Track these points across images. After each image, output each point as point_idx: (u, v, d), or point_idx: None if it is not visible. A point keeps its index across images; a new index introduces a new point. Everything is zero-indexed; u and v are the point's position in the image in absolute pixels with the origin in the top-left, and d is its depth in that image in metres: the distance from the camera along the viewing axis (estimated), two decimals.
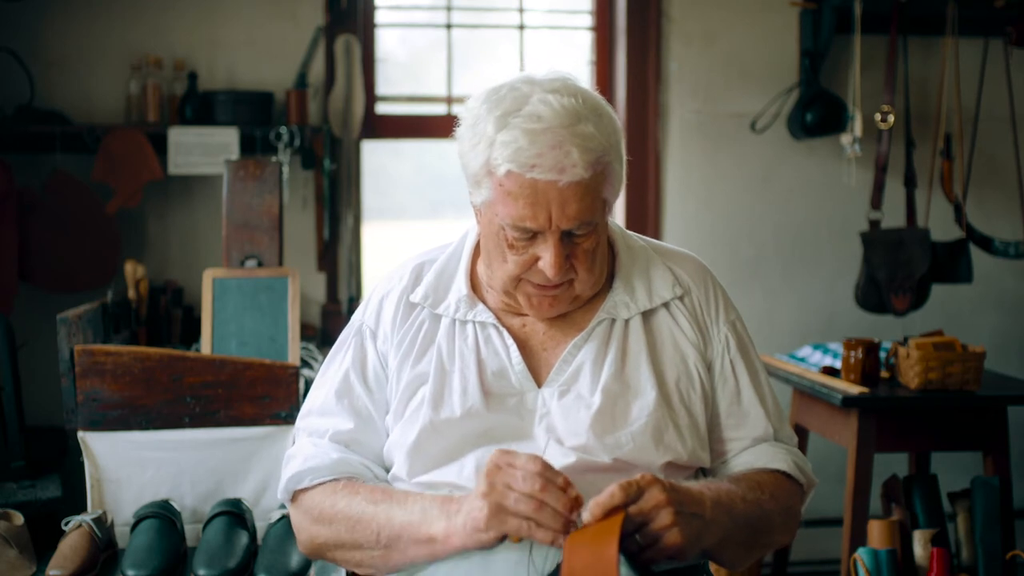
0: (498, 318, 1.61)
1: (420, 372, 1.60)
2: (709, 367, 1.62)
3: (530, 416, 1.55)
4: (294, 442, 1.70)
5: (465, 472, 1.52)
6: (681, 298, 1.64)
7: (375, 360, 1.65)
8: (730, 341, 1.64)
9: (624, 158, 1.55)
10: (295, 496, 1.63)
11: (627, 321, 1.60)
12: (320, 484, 1.58)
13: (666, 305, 1.63)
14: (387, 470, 1.62)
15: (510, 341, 1.59)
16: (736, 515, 1.49)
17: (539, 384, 1.58)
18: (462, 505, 1.43)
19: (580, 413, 1.53)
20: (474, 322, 1.61)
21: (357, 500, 1.53)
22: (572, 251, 1.52)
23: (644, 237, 1.73)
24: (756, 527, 1.52)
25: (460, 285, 1.63)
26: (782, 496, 1.58)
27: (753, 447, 1.62)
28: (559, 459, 1.49)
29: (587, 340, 1.59)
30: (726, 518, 1.47)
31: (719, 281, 1.71)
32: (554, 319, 1.61)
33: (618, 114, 3.95)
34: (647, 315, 1.62)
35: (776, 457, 1.61)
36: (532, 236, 1.50)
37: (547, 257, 1.50)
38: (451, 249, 1.70)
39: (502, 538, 1.39)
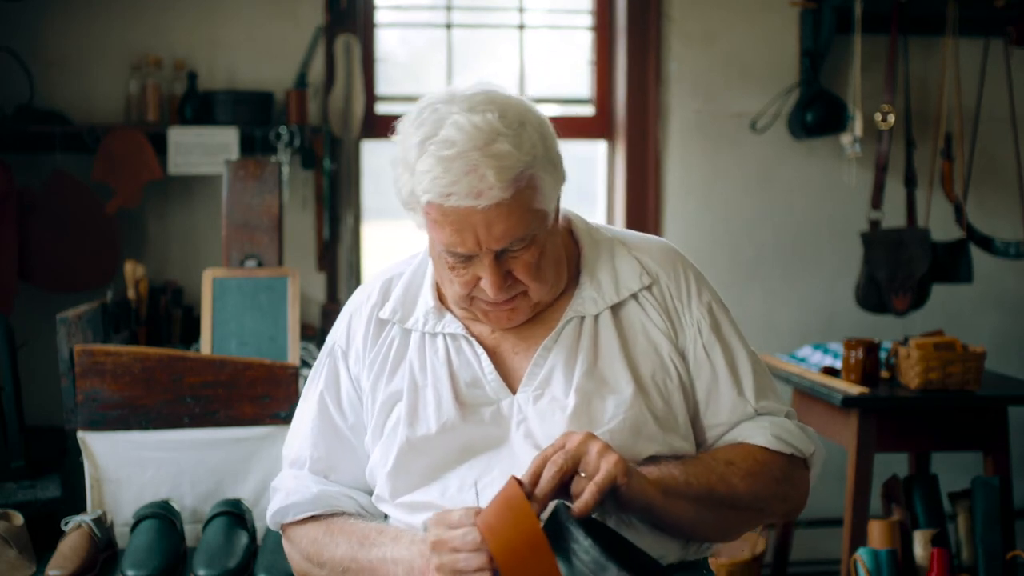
0: (467, 327, 1.60)
1: (394, 390, 1.59)
2: (684, 355, 1.59)
3: (507, 424, 1.54)
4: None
5: (448, 493, 1.52)
6: (650, 287, 1.60)
7: (348, 383, 1.64)
8: (703, 325, 1.60)
9: (558, 161, 1.51)
10: (283, 528, 1.65)
11: (596, 317, 1.58)
12: (304, 520, 1.60)
13: (635, 297, 1.60)
14: (371, 492, 1.62)
15: (480, 350, 1.58)
16: (678, 472, 1.48)
17: (513, 390, 1.56)
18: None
19: (556, 416, 1.52)
20: (444, 334, 1.59)
21: (341, 549, 1.54)
22: (512, 266, 1.50)
23: (612, 228, 1.70)
24: (712, 489, 1.50)
25: (427, 297, 1.62)
26: (747, 462, 1.54)
27: (733, 429, 1.60)
28: None
29: (556, 341, 1.57)
30: (667, 476, 1.47)
31: (692, 264, 1.67)
32: (523, 322, 1.60)
33: (618, 114, 3.96)
34: (617, 308, 1.59)
35: (754, 433, 1.57)
36: (468, 259, 1.49)
37: (485, 278, 1.49)
38: (417, 261, 1.68)
39: None
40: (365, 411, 1.62)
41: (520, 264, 1.50)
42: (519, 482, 1.37)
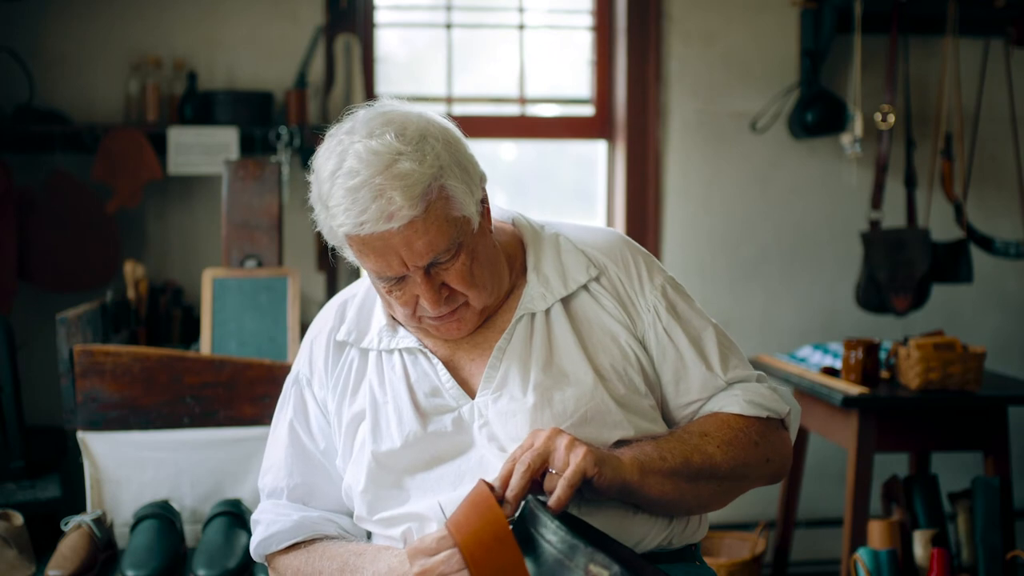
0: (421, 339, 1.61)
1: (357, 410, 1.61)
2: (642, 341, 1.60)
3: (470, 429, 1.55)
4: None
5: (423, 503, 1.53)
6: (598, 278, 1.62)
7: (316, 408, 1.66)
8: (660, 308, 1.61)
9: (468, 165, 1.52)
10: (268, 559, 1.66)
11: (548, 312, 1.59)
12: (287, 548, 1.62)
13: (586, 288, 1.61)
14: (351, 513, 1.64)
15: (436, 360, 1.59)
16: (651, 450, 1.50)
17: (472, 396, 1.57)
18: None
19: (517, 416, 1.53)
20: (399, 349, 1.61)
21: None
22: (446, 278, 1.51)
23: (558, 223, 1.71)
24: (690, 463, 1.52)
25: (379, 316, 1.64)
26: (721, 430, 1.56)
27: (707, 403, 1.61)
28: None
29: (509, 341, 1.58)
30: (643, 456, 1.49)
31: (642, 249, 1.68)
32: (476, 328, 1.61)
33: (618, 114, 3.96)
34: (567, 302, 1.60)
35: (726, 401, 1.59)
36: (401, 280, 1.51)
37: (422, 295, 1.51)
38: (368, 282, 1.69)
39: None
40: (334, 434, 1.64)
41: (452, 275, 1.51)
42: (488, 485, 1.39)
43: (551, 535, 1.34)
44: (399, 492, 1.56)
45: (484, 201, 1.57)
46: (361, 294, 1.69)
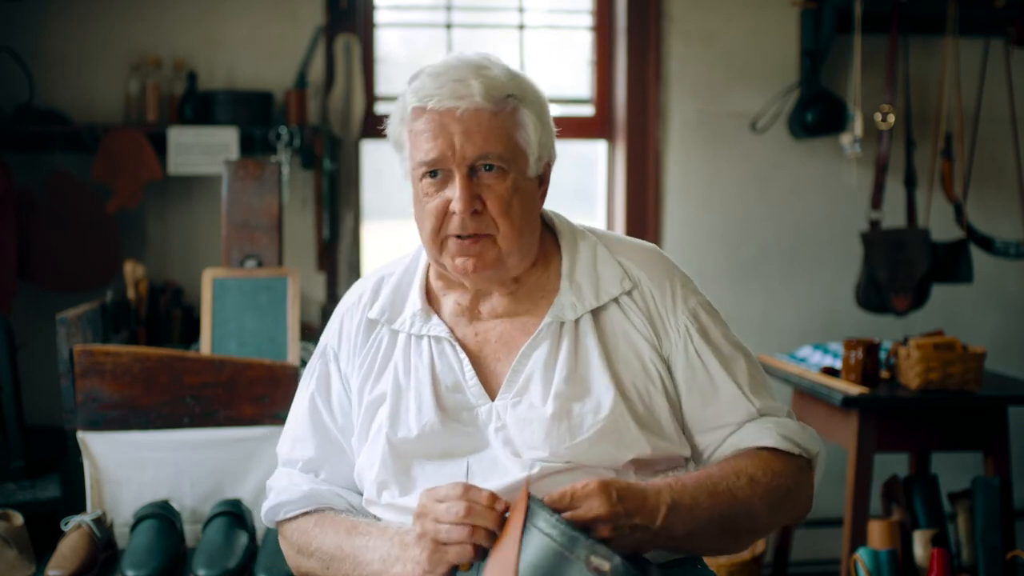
0: (452, 330, 1.60)
1: (379, 393, 1.60)
2: (668, 361, 1.58)
3: (486, 430, 1.55)
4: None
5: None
6: (631, 292, 1.60)
7: (339, 384, 1.66)
8: (691, 330, 1.59)
9: (546, 121, 1.59)
10: (278, 525, 1.67)
11: (577, 321, 1.58)
12: (296, 516, 1.63)
13: (617, 301, 1.60)
14: (360, 492, 1.64)
15: (463, 355, 1.58)
16: (700, 513, 1.46)
17: (493, 396, 1.56)
18: (411, 551, 1.44)
19: (534, 424, 1.52)
20: (429, 336, 1.60)
21: (329, 539, 1.56)
22: (485, 193, 1.52)
23: (597, 230, 1.70)
24: (729, 519, 1.49)
25: (415, 299, 1.63)
26: (766, 477, 1.52)
27: (738, 430, 1.58)
28: (519, 470, 1.49)
29: (536, 347, 1.57)
30: (686, 518, 1.44)
31: (679, 269, 1.66)
32: (506, 326, 1.60)
33: (618, 114, 3.96)
34: (597, 313, 1.59)
35: (762, 434, 1.56)
36: (443, 180, 1.53)
37: (457, 194, 1.52)
38: (407, 262, 1.69)
39: (453, 569, 1.40)
40: (354, 411, 1.64)
41: (493, 192, 1.53)
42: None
43: (550, 528, 1.33)
44: (406, 479, 1.55)
45: (545, 174, 1.61)
46: (398, 273, 1.68)
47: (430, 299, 1.64)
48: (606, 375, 1.54)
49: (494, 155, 1.51)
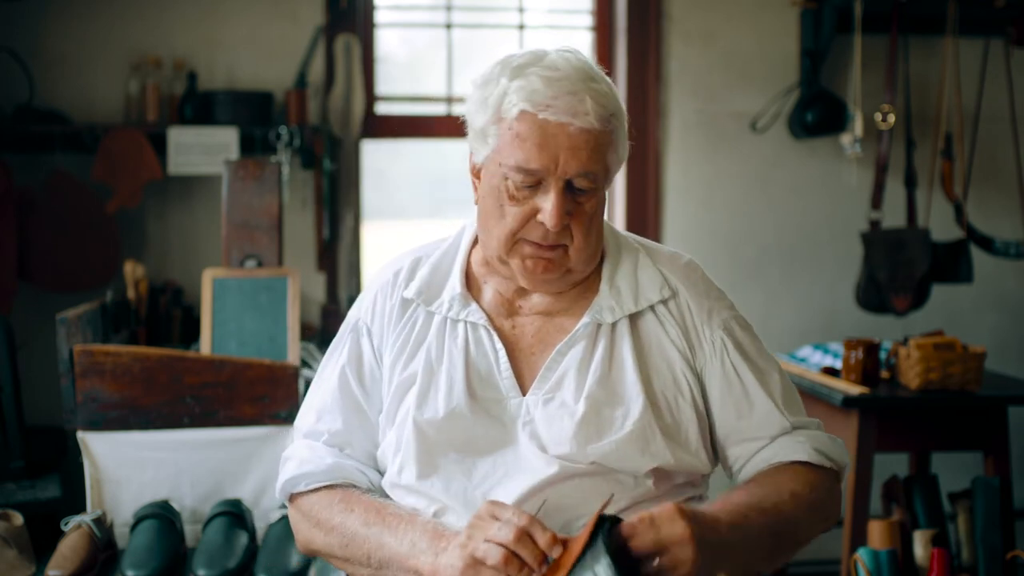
0: (490, 319, 1.60)
1: (410, 373, 1.58)
2: (700, 374, 1.58)
3: (514, 423, 1.54)
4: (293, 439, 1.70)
5: (452, 488, 1.51)
6: (667, 301, 1.60)
7: (371, 358, 1.63)
8: (727, 343, 1.60)
9: (626, 138, 1.58)
10: (292, 498, 1.62)
11: (614, 325, 1.58)
12: (316, 489, 1.58)
13: (654, 309, 1.60)
14: (382, 472, 1.61)
15: (499, 345, 1.57)
16: (753, 531, 1.45)
17: (525, 391, 1.56)
18: (448, 546, 1.41)
19: (564, 421, 1.51)
20: (465, 322, 1.59)
21: (352, 518, 1.53)
22: (573, 209, 1.52)
23: (639, 238, 1.71)
24: (778, 535, 1.50)
25: (455, 283, 1.62)
26: (805, 491, 1.54)
27: (771, 444, 1.59)
28: (542, 467, 1.49)
29: (572, 345, 1.57)
30: (743, 536, 1.44)
31: (714, 283, 1.68)
32: (543, 322, 1.60)
33: None
34: (634, 318, 1.59)
35: (795, 449, 1.57)
36: (535, 186, 1.50)
37: (548, 207, 1.50)
38: (447, 245, 1.68)
39: None
40: (384, 388, 1.61)
41: (580, 211, 1.53)
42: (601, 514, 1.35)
43: (602, 571, 1.30)
44: (429, 465, 1.53)
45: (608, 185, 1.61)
46: (437, 255, 1.66)
47: (469, 285, 1.63)
48: (638, 382, 1.54)
49: (591, 174, 1.50)
